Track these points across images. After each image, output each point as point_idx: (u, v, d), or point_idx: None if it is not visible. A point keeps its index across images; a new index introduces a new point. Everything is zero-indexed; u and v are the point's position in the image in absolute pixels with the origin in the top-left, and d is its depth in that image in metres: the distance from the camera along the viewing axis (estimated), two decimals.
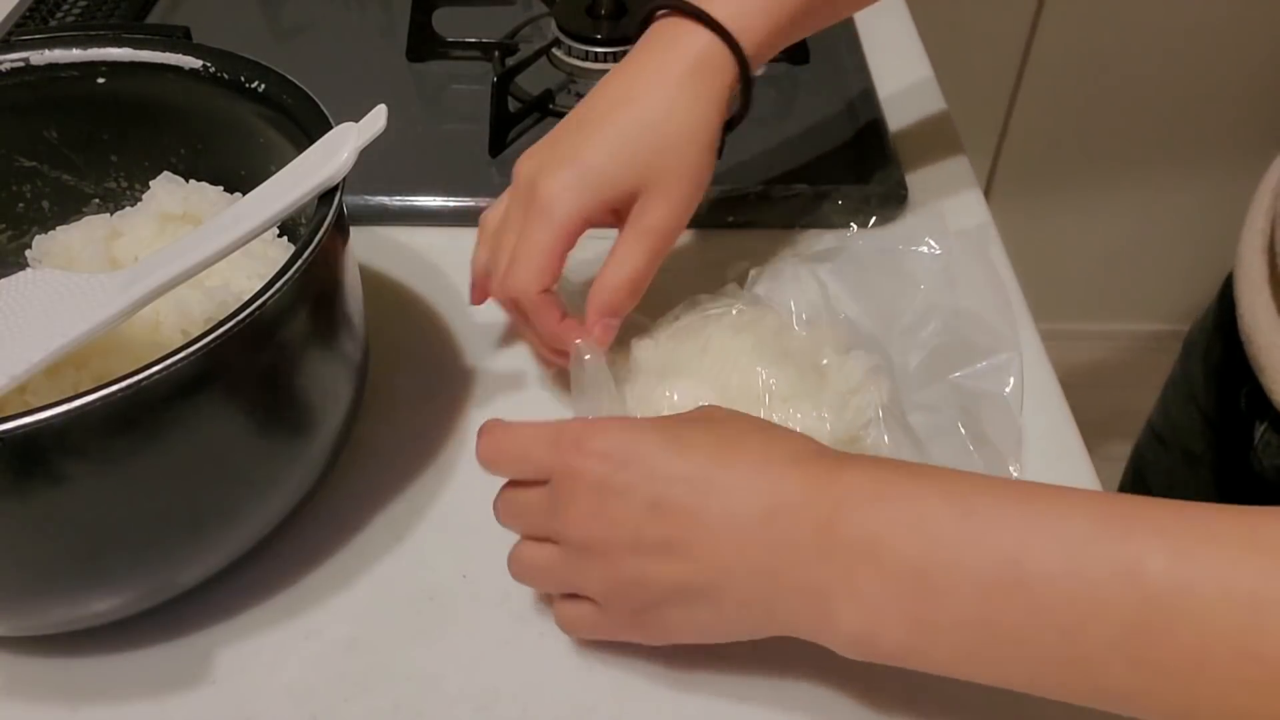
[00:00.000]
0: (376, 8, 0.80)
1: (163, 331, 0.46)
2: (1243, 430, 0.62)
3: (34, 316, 0.40)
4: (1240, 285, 0.59)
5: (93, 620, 0.42)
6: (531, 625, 0.44)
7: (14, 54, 0.49)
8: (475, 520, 0.48)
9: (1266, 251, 0.58)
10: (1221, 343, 0.65)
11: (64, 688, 0.43)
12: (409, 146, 0.66)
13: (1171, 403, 0.73)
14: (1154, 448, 0.75)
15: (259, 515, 0.43)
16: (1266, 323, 0.56)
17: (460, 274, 0.59)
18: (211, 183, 0.52)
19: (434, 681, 0.43)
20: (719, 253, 0.59)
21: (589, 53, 0.72)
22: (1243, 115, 1.37)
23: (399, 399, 0.53)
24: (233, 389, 0.39)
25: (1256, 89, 1.36)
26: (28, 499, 0.36)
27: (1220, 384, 0.66)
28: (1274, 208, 0.57)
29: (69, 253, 0.50)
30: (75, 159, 0.53)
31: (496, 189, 0.64)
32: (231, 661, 0.43)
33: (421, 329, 0.57)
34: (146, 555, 0.40)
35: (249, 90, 0.48)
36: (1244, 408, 0.62)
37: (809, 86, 0.73)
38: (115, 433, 0.35)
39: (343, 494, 0.49)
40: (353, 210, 0.60)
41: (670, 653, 0.43)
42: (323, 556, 0.47)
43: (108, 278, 0.40)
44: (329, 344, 0.44)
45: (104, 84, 0.50)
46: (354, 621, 0.45)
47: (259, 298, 0.37)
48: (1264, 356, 0.56)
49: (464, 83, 0.73)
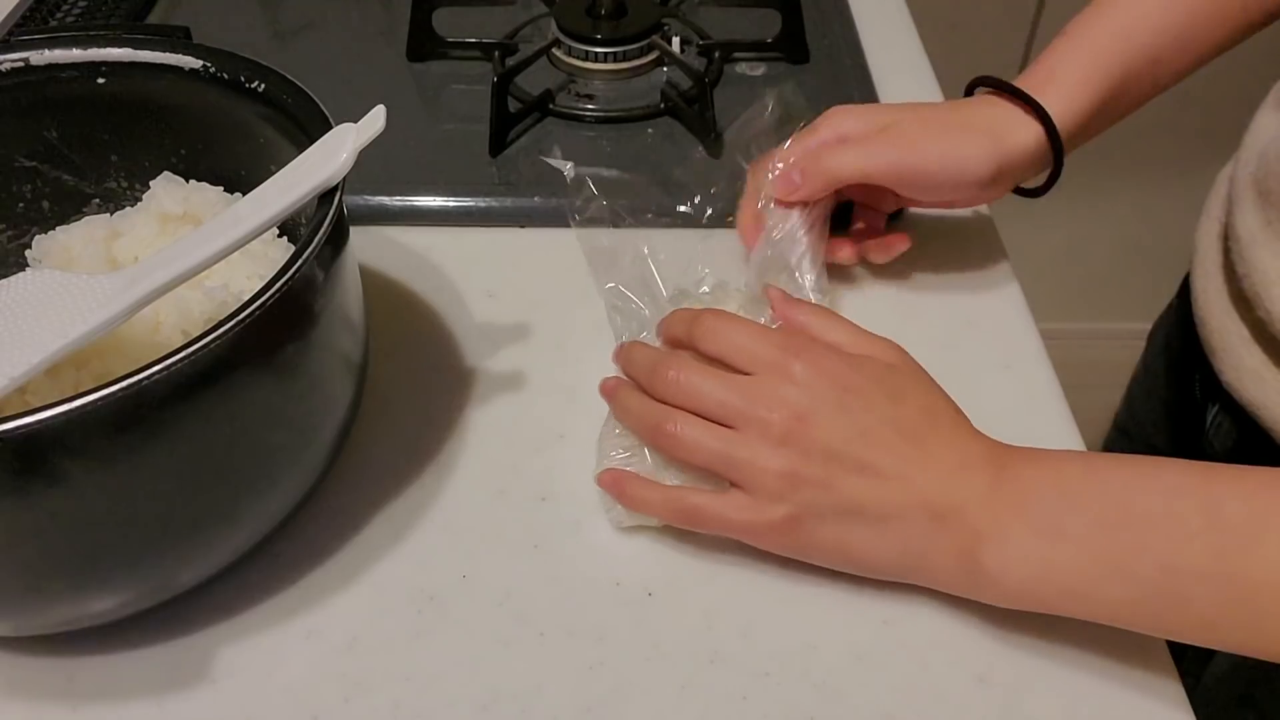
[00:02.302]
0: (376, 8, 0.80)
1: (163, 331, 0.46)
2: (1197, 416, 0.63)
3: (34, 317, 0.39)
4: (1196, 271, 0.61)
5: (93, 620, 0.42)
6: (531, 625, 0.44)
7: (14, 54, 0.49)
8: (475, 520, 0.48)
9: (1221, 238, 0.59)
10: (1181, 334, 0.66)
11: (64, 688, 0.43)
12: (409, 146, 0.66)
13: (1135, 397, 0.75)
14: (1120, 443, 0.77)
15: (259, 515, 0.43)
16: (1219, 306, 0.58)
17: (460, 274, 0.60)
18: (211, 183, 0.52)
19: (434, 681, 0.43)
20: (719, 251, 0.59)
21: (589, 53, 0.72)
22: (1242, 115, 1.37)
23: (399, 399, 0.53)
24: (232, 389, 0.39)
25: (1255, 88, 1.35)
26: (28, 499, 0.36)
27: (1178, 373, 0.67)
28: (1229, 195, 0.58)
29: (69, 253, 0.50)
30: (75, 159, 0.53)
31: (496, 189, 0.64)
32: (231, 661, 0.43)
33: (421, 329, 0.57)
34: (146, 555, 0.40)
35: (249, 90, 0.48)
36: (1198, 393, 0.63)
37: (809, 86, 0.73)
38: (115, 433, 0.35)
39: (343, 494, 0.49)
40: (353, 210, 0.60)
41: (670, 652, 0.43)
42: (323, 556, 0.47)
43: (108, 278, 0.40)
44: (329, 344, 0.44)
45: (104, 84, 0.50)
46: (354, 621, 0.45)
47: (259, 298, 0.37)
48: (1215, 339, 0.58)
49: (464, 83, 0.73)
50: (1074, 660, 0.43)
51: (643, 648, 0.44)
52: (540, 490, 0.49)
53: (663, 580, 0.46)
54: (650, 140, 0.68)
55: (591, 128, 0.69)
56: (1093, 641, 0.43)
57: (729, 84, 0.72)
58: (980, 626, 0.44)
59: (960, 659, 0.43)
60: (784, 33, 0.75)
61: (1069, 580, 0.40)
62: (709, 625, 0.44)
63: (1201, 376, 0.62)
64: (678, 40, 0.74)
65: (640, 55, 0.72)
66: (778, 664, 0.43)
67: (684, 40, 0.74)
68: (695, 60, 0.73)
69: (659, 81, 0.72)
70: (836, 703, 0.42)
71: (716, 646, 0.44)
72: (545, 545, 0.47)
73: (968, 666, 0.43)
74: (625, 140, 0.68)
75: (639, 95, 0.71)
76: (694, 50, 0.74)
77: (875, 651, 0.44)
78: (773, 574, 0.46)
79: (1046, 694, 0.42)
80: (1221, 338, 0.58)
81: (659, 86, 0.71)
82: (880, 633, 0.44)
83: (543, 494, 0.49)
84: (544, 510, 0.49)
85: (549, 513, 0.48)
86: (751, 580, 0.46)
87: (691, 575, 0.46)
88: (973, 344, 0.56)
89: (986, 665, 0.43)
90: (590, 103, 0.70)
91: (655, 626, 0.44)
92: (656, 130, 0.68)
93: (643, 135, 0.68)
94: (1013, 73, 0.55)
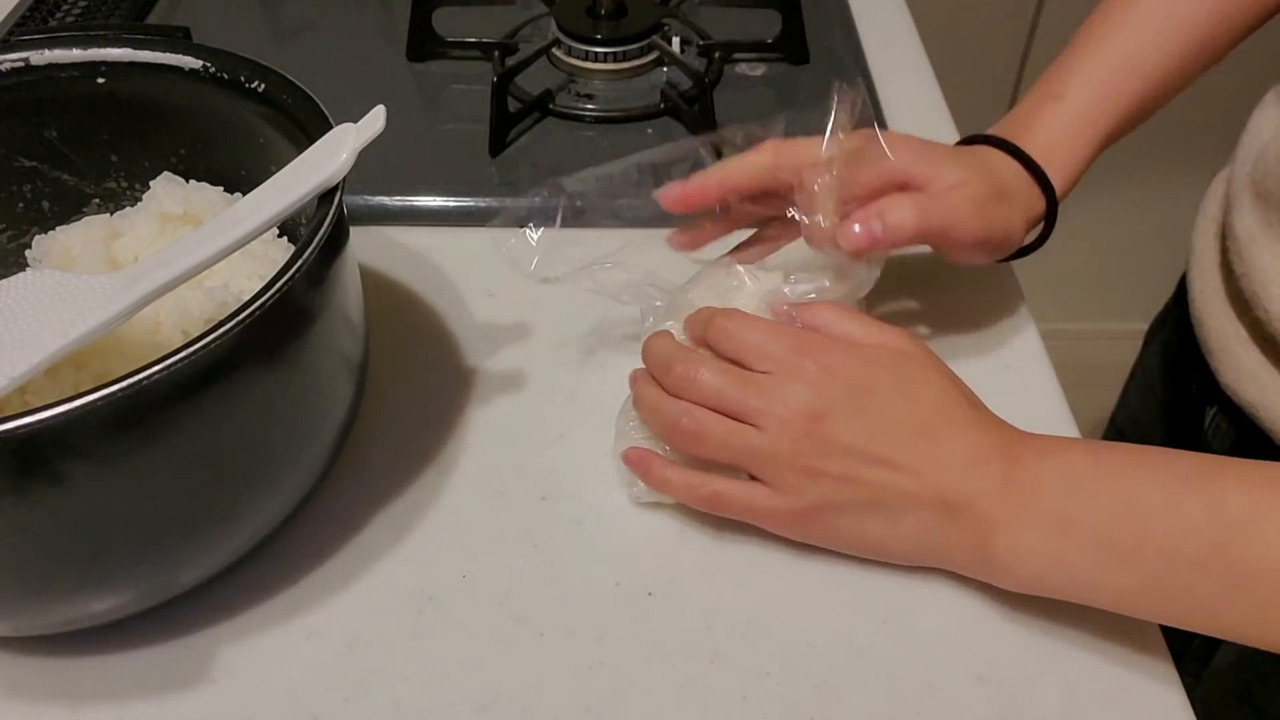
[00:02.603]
0: (376, 8, 0.80)
1: (163, 332, 0.46)
2: (1194, 416, 0.63)
3: (34, 317, 0.39)
4: (1193, 271, 0.61)
5: (93, 620, 0.42)
6: (531, 625, 0.44)
7: (14, 54, 0.49)
8: (475, 520, 0.48)
9: (1218, 238, 0.59)
10: (1178, 334, 0.66)
11: (64, 688, 0.43)
12: (409, 146, 0.66)
13: (1132, 397, 0.75)
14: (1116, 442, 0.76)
15: (259, 515, 0.43)
16: (1216, 307, 0.58)
17: (460, 274, 0.59)
18: (211, 183, 0.52)
19: (434, 681, 0.43)
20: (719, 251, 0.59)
21: (589, 53, 0.72)
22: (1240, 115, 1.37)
23: (399, 399, 0.53)
24: (233, 389, 0.38)
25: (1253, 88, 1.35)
26: (28, 499, 0.36)
27: (1175, 373, 0.67)
28: (1226, 196, 0.58)
29: (69, 253, 0.50)
30: (75, 159, 0.53)
31: (496, 189, 0.64)
32: (231, 661, 0.43)
33: (421, 329, 0.57)
34: (146, 555, 0.40)
35: (249, 90, 0.48)
36: (1195, 394, 0.63)
37: (809, 86, 0.73)
38: (116, 433, 0.35)
39: (343, 494, 0.49)
40: (353, 210, 0.60)
41: (670, 652, 0.43)
42: (323, 556, 0.47)
43: (108, 278, 0.40)
44: (329, 344, 0.44)
45: (104, 84, 0.50)
46: (354, 621, 0.45)
47: (259, 298, 0.37)
48: (1213, 339, 0.58)
49: (464, 83, 0.73)
50: (1073, 660, 0.43)
51: (643, 648, 0.44)
52: (540, 490, 0.49)
53: (663, 580, 0.46)
54: (650, 140, 0.68)
55: (591, 128, 0.69)
56: (1092, 641, 0.43)
57: (729, 84, 0.72)
58: (980, 626, 0.44)
59: (960, 658, 0.43)
60: (784, 33, 0.75)
61: (1076, 571, 0.41)
62: (709, 625, 0.44)
63: (1199, 377, 0.62)
64: (678, 40, 0.74)
65: (640, 55, 0.72)
66: (778, 664, 0.43)
67: (684, 40, 0.74)
68: (695, 60, 0.73)
69: (659, 81, 0.72)
70: (836, 703, 0.42)
71: (716, 646, 0.44)
72: (545, 545, 0.47)
73: (967, 666, 0.43)
74: (625, 140, 0.68)
75: (639, 95, 0.71)
76: (694, 50, 0.74)
77: (875, 651, 0.44)
78: (773, 574, 0.46)
79: (1046, 693, 0.42)
80: (1219, 338, 0.58)
81: (659, 86, 0.71)
82: (880, 633, 0.44)
83: (543, 494, 0.49)
84: (544, 510, 0.49)
85: (549, 513, 0.48)
86: (751, 580, 0.46)
87: (691, 575, 0.46)
88: (973, 344, 0.56)
89: (986, 664, 0.43)
90: (590, 103, 0.70)
91: (655, 626, 0.44)
92: (656, 130, 0.68)
93: (643, 135, 0.68)
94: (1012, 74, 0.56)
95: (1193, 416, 0.64)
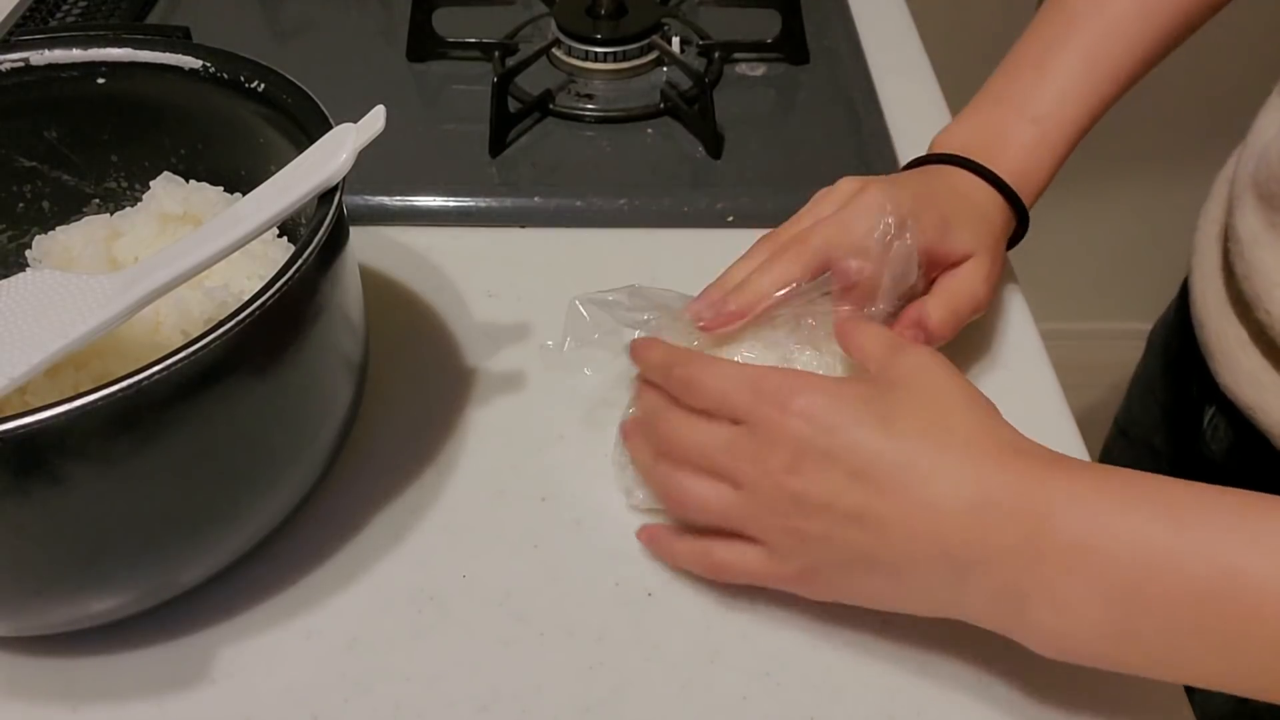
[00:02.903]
0: (376, 8, 0.80)
1: (163, 332, 0.46)
2: (1194, 417, 0.63)
3: (34, 317, 0.39)
4: (1195, 274, 0.61)
5: (93, 620, 0.42)
6: (531, 625, 0.44)
7: (14, 54, 0.49)
8: (475, 520, 0.48)
9: (1220, 240, 0.59)
10: (1180, 336, 0.66)
11: (64, 688, 0.43)
12: (409, 146, 0.66)
13: (1134, 397, 0.75)
14: (1119, 443, 0.77)
15: (259, 515, 0.43)
16: (1217, 309, 0.58)
17: (460, 274, 0.59)
18: (211, 183, 0.52)
19: (434, 681, 0.43)
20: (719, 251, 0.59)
21: (589, 53, 0.72)
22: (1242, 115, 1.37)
23: (399, 399, 0.53)
24: (233, 389, 0.39)
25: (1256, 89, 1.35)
26: (28, 499, 0.36)
27: (1176, 375, 0.67)
28: (1229, 197, 0.58)
29: (69, 253, 0.50)
30: (75, 159, 0.53)
31: (496, 189, 0.64)
32: (231, 661, 0.43)
33: (421, 329, 0.57)
34: (146, 555, 0.40)
35: (249, 90, 0.48)
36: (1195, 394, 0.63)
37: (809, 86, 0.73)
38: (116, 433, 0.35)
39: (343, 494, 0.49)
40: (353, 210, 0.60)
41: (670, 652, 0.43)
42: (323, 556, 0.47)
43: (108, 278, 0.40)
44: (329, 344, 0.44)
45: (104, 84, 0.50)
46: (354, 621, 0.45)
47: (259, 298, 0.37)
48: (1214, 342, 0.58)
49: (464, 83, 0.73)
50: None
51: (643, 648, 0.44)
52: (540, 490, 0.49)
53: (663, 580, 0.46)
54: (650, 140, 0.68)
55: (591, 128, 0.69)
56: None
57: (729, 84, 0.72)
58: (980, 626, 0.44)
59: (960, 658, 0.43)
60: (784, 33, 0.75)
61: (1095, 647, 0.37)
62: (709, 625, 0.44)
63: (1199, 378, 0.62)
64: (678, 40, 0.74)
65: (640, 55, 0.72)
66: (778, 664, 0.43)
67: (684, 40, 0.74)
68: (695, 60, 0.73)
69: (659, 81, 0.72)
70: (836, 703, 0.42)
71: (716, 646, 0.44)
72: (545, 545, 0.47)
73: (967, 665, 0.43)
74: (625, 140, 0.68)
75: (639, 95, 0.71)
76: (694, 50, 0.74)
77: (875, 651, 0.44)
78: None
79: (1046, 692, 0.42)
80: (1219, 340, 0.58)
81: (659, 86, 0.71)
82: (880, 633, 0.44)
83: (543, 494, 0.49)
84: (544, 510, 0.49)
85: (549, 513, 0.48)
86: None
87: (691, 575, 0.46)
88: (973, 344, 0.56)
89: (986, 664, 0.43)
90: (590, 103, 0.70)
91: (655, 626, 0.44)
92: (656, 130, 0.68)
93: (643, 135, 0.68)
94: None
95: (1192, 417, 0.64)
